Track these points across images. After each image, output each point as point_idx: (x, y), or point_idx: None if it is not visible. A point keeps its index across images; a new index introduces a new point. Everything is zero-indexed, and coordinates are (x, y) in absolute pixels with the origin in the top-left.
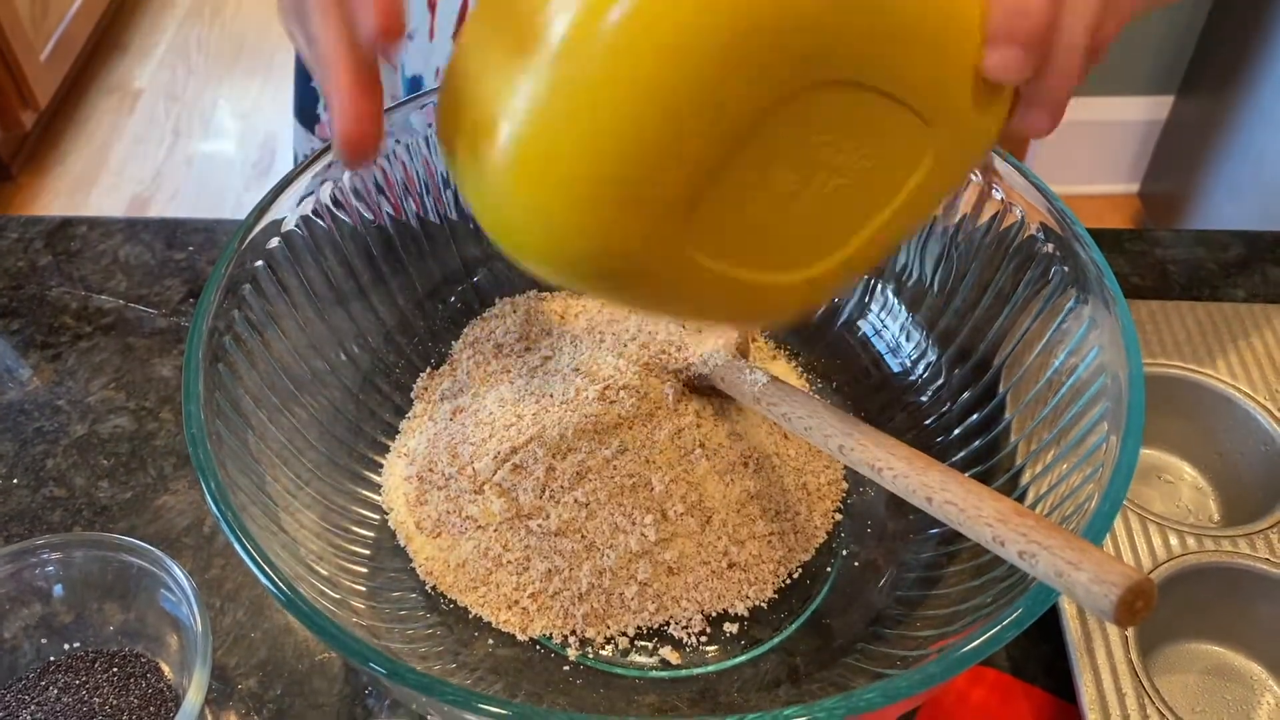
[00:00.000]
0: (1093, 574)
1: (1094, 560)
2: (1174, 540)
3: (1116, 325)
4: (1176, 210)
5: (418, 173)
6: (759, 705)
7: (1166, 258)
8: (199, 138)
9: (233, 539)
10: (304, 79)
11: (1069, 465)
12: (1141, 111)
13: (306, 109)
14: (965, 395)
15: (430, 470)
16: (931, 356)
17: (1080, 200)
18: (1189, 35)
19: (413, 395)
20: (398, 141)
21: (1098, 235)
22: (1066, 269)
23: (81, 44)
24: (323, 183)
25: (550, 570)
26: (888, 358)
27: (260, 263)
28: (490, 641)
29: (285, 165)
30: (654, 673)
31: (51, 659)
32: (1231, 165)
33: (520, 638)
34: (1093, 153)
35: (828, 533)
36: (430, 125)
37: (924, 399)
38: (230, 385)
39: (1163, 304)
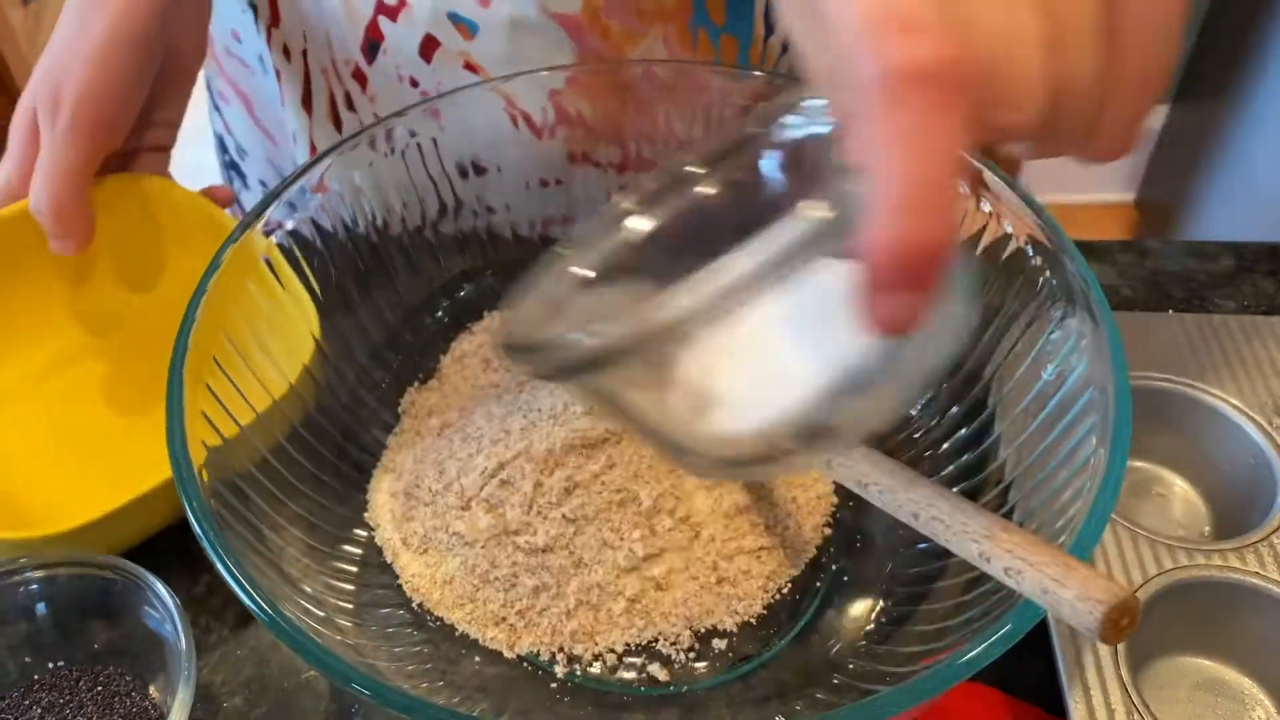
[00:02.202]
0: (1078, 591)
1: (1079, 577)
2: (1164, 555)
3: (1104, 338)
4: (1172, 218)
5: (403, 186)
6: None
7: (1158, 269)
8: (192, 148)
9: (214, 556)
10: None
11: (1058, 479)
12: None
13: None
14: (955, 409)
15: (417, 486)
16: None
17: (1076, 209)
18: (1183, 43)
19: (400, 410)
20: (388, 153)
21: (1089, 246)
22: (1054, 282)
23: None
24: (310, 196)
25: (538, 586)
26: None
27: (246, 279)
28: (477, 659)
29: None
30: (642, 689)
31: (36, 677)
32: (1226, 173)
33: (507, 654)
34: None
35: (817, 547)
36: (413, 136)
37: (914, 412)
38: (214, 400)
39: (1153, 316)
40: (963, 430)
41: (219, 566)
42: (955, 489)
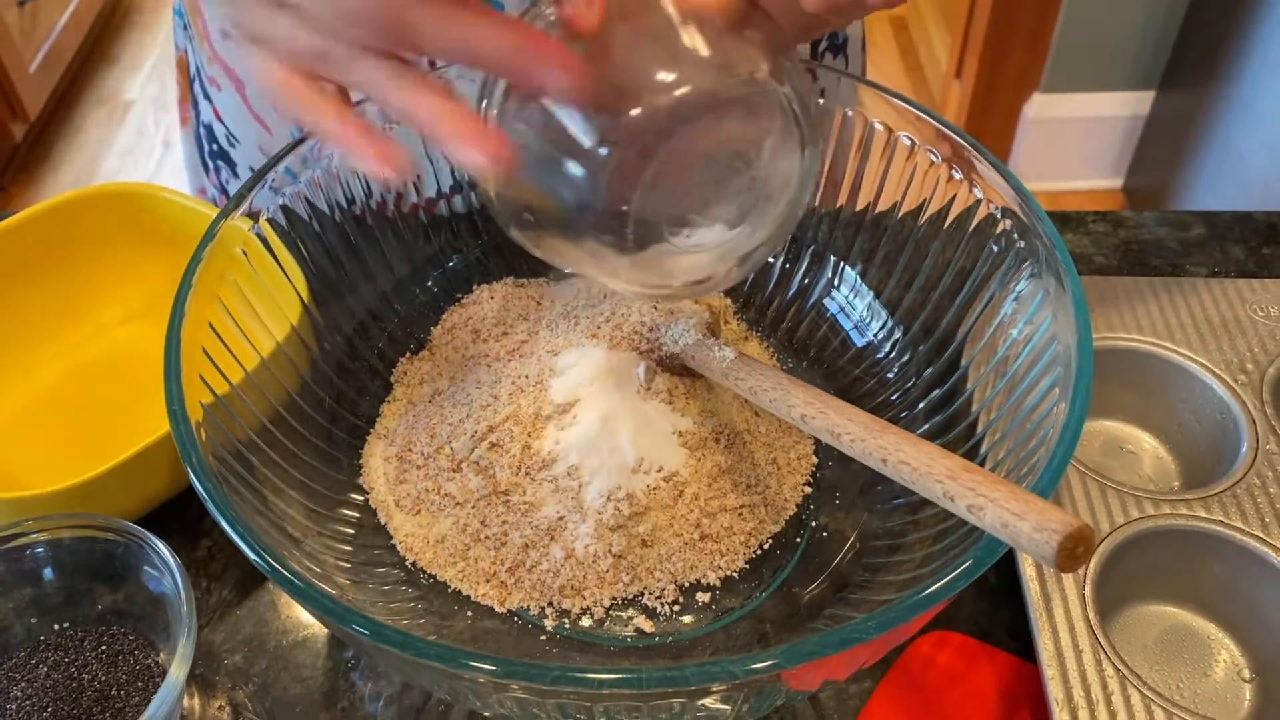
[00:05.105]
0: (1035, 522)
1: (1036, 510)
2: (1132, 505)
3: (1068, 296)
4: (1159, 204)
5: None
6: None
7: (1130, 238)
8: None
9: (215, 512)
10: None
11: (1023, 431)
12: (1124, 107)
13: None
14: (929, 370)
15: (409, 450)
16: (897, 333)
17: (1065, 195)
18: (1169, 30)
19: (392, 380)
20: (387, 128)
21: (1063, 217)
22: (1022, 244)
23: (71, 55)
24: (304, 170)
25: (527, 544)
26: (854, 335)
27: (240, 250)
28: (470, 614)
29: None
30: (629, 641)
31: (42, 638)
32: (1212, 158)
33: (499, 610)
34: (1077, 148)
35: (797, 505)
36: None
37: (890, 374)
38: (212, 368)
39: (1125, 279)
40: (937, 391)
41: (221, 520)
42: None
